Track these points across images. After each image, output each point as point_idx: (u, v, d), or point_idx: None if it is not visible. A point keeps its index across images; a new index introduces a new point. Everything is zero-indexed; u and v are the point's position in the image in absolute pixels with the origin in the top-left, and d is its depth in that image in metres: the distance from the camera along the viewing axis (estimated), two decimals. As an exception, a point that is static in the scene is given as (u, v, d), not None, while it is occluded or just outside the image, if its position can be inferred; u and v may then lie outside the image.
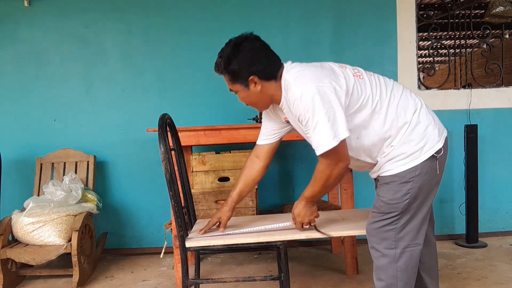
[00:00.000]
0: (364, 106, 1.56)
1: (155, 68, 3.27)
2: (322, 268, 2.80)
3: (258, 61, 1.59)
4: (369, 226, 1.65)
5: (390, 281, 1.59)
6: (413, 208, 1.58)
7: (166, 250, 2.74)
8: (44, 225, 2.64)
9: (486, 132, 3.31)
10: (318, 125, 1.48)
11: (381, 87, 1.61)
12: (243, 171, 1.92)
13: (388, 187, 1.59)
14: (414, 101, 1.62)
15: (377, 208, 1.63)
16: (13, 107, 3.25)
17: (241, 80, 1.61)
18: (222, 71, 1.63)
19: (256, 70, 1.59)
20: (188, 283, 1.79)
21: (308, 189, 1.69)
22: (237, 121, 3.16)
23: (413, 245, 1.59)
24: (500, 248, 3.08)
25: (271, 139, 1.87)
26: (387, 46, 3.26)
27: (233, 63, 1.59)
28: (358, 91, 1.56)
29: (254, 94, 1.63)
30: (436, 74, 10.07)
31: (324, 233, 1.77)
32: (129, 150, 3.28)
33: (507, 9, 3.30)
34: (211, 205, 2.60)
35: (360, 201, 3.21)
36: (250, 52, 1.59)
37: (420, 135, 1.56)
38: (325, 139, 1.48)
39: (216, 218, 1.87)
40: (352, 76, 1.59)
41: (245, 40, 1.61)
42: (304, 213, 1.73)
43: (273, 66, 1.62)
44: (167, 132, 1.78)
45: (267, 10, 3.24)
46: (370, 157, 1.63)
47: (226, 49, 1.62)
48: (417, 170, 1.55)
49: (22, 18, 3.22)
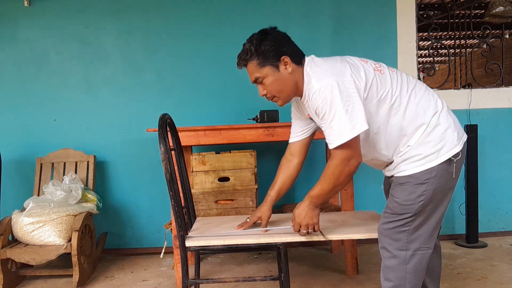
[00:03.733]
0: (383, 101, 1.55)
1: (155, 68, 3.27)
2: (322, 268, 2.80)
3: (288, 43, 1.64)
4: (381, 226, 1.63)
5: (398, 282, 1.58)
6: (428, 211, 1.56)
7: (166, 250, 2.74)
8: (44, 225, 2.64)
9: (486, 132, 3.31)
10: (335, 117, 1.48)
11: (402, 83, 1.59)
12: (280, 170, 1.91)
13: (402, 188, 1.57)
14: (435, 102, 1.59)
15: (390, 209, 1.60)
16: (13, 107, 3.25)
17: (272, 61, 1.61)
18: (252, 54, 1.61)
19: (287, 51, 1.61)
20: (188, 283, 1.79)
21: (316, 187, 1.63)
22: (237, 121, 3.17)
23: (424, 248, 1.58)
24: (500, 248, 3.08)
25: (301, 136, 1.86)
26: (387, 46, 3.27)
27: (265, 44, 1.60)
28: (377, 85, 1.55)
29: (283, 78, 1.62)
30: (436, 74, 10.07)
31: (325, 236, 1.74)
32: (129, 150, 3.28)
33: (507, 9, 3.30)
34: (211, 205, 2.60)
35: (360, 201, 3.22)
36: (280, 35, 1.64)
37: (438, 137, 1.54)
38: (342, 131, 1.47)
39: (256, 217, 1.86)
40: (373, 70, 1.58)
41: (270, 29, 1.66)
42: (305, 214, 1.66)
43: (300, 51, 1.66)
44: (167, 132, 1.78)
45: (267, 10, 3.24)
46: (386, 155, 1.61)
47: (253, 36, 1.64)
48: (433, 172, 1.52)
49: (22, 18, 3.22)
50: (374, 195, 3.30)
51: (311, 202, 1.66)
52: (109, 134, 3.27)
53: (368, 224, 1.88)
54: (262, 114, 2.73)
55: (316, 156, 3.25)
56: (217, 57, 3.23)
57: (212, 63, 3.25)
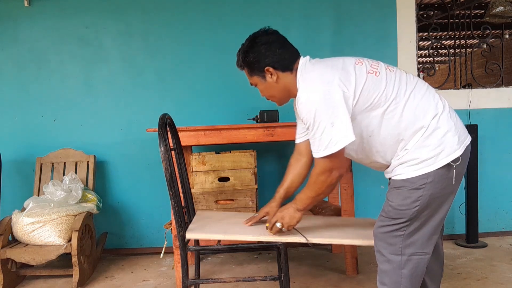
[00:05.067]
0: (377, 105, 1.51)
1: (155, 68, 3.27)
2: (322, 268, 2.80)
3: (273, 53, 1.65)
4: (377, 229, 1.61)
5: (392, 286, 1.55)
6: (424, 216, 1.52)
7: (166, 250, 2.74)
8: (44, 225, 2.64)
9: (486, 132, 3.31)
10: (319, 129, 1.48)
11: (400, 85, 1.54)
12: (289, 169, 1.93)
13: (397, 192, 1.53)
14: (436, 104, 1.54)
15: (385, 213, 1.57)
16: (13, 107, 3.25)
17: (258, 71, 1.69)
18: (241, 64, 1.72)
19: (270, 61, 1.65)
20: (188, 283, 1.79)
21: (302, 191, 1.68)
22: (237, 121, 3.17)
23: (420, 253, 1.54)
24: (500, 248, 3.08)
25: (305, 136, 1.86)
26: (387, 46, 3.27)
27: (250, 56, 1.67)
28: (369, 90, 1.51)
29: (271, 85, 1.70)
30: (436, 74, 10.08)
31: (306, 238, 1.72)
32: (129, 150, 3.28)
33: (507, 9, 3.30)
34: (211, 205, 2.60)
35: (360, 201, 3.22)
36: (265, 44, 1.66)
37: (437, 141, 1.48)
38: (326, 143, 1.48)
39: (264, 212, 1.88)
40: (365, 73, 1.54)
41: (262, 34, 1.69)
42: (286, 213, 1.70)
43: (288, 57, 1.67)
44: (167, 132, 1.78)
45: (267, 10, 3.24)
46: (383, 158, 1.59)
47: (244, 44, 1.71)
48: (429, 178, 1.48)
49: (22, 18, 3.22)
50: (374, 196, 3.30)
51: (295, 204, 1.69)
52: (109, 134, 3.27)
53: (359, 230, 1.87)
54: (262, 114, 2.73)
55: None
56: (217, 57, 3.23)
57: (212, 63, 3.25)
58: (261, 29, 1.71)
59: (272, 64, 1.65)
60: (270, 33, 1.69)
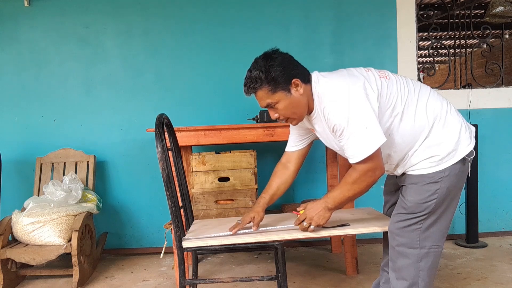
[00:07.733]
0: (395, 105, 1.58)
1: (155, 68, 3.27)
2: (322, 268, 2.80)
3: (295, 65, 1.62)
4: (393, 225, 1.66)
5: (412, 280, 1.61)
6: (440, 210, 1.60)
7: (166, 250, 2.73)
8: (44, 225, 2.65)
9: (486, 132, 3.30)
10: (354, 133, 1.50)
11: (409, 87, 1.62)
12: (275, 175, 1.91)
13: (416, 187, 1.60)
14: (441, 102, 1.63)
15: (404, 208, 1.63)
16: (13, 107, 3.26)
17: (284, 85, 1.59)
18: (262, 81, 1.58)
19: (296, 73, 1.60)
20: (185, 283, 1.78)
21: (335, 190, 1.65)
22: (237, 121, 3.17)
23: (436, 246, 1.61)
24: (500, 248, 3.08)
25: (299, 146, 1.87)
26: (387, 46, 3.26)
27: (273, 71, 1.57)
28: (387, 92, 1.57)
29: (296, 100, 1.61)
30: (436, 74, 10.07)
31: (341, 225, 1.76)
32: (129, 150, 3.28)
33: (507, 9, 3.29)
34: (211, 205, 2.60)
35: (360, 200, 3.21)
36: (285, 58, 1.62)
37: (452, 137, 1.58)
38: (362, 147, 1.50)
39: (249, 217, 1.84)
40: (379, 78, 1.60)
41: (274, 52, 1.63)
42: (318, 212, 1.67)
43: (305, 69, 1.65)
44: (164, 132, 1.78)
45: (267, 11, 3.24)
46: (399, 156, 1.63)
47: (259, 62, 1.60)
48: (446, 171, 1.57)
49: (22, 18, 3.23)
50: (373, 193, 3.29)
51: (326, 203, 1.66)
52: (109, 134, 3.28)
53: (364, 221, 1.87)
54: (262, 114, 2.73)
55: (316, 156, 3.25)
56: (217, 57, 3.23)
57: (212, 63, 3.25)
58: (268, 50, 1.64)
59: (298, 76, 1.60)
60: (280, 50, 1.64)
